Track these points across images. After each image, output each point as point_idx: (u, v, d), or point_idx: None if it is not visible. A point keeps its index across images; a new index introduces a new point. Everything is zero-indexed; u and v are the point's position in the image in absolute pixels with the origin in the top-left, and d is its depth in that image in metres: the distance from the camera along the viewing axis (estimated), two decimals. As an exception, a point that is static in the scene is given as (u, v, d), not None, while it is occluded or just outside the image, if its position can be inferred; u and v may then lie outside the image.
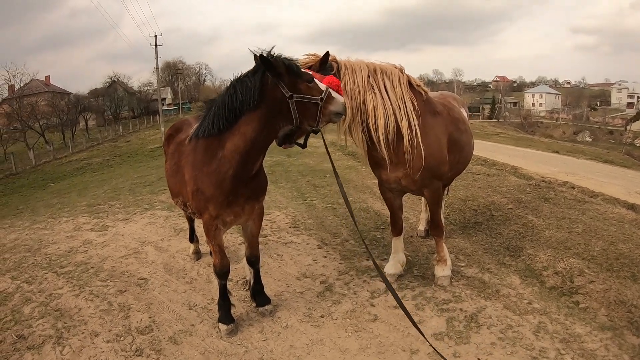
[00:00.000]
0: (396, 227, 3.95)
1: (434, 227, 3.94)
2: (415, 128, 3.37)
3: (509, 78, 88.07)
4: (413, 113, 3.38)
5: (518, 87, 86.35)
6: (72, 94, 48.70)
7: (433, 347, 2.62)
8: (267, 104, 2.77)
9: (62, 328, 3.45)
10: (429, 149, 3.44)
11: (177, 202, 3.60)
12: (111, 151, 30.69)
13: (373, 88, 3.34)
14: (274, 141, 2.99)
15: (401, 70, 3.51)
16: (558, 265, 3.98)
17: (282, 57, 2.77)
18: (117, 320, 3.52)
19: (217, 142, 2.92)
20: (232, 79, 2.88)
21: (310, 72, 2.92)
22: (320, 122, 2.86)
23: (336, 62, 3.30)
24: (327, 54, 3.19)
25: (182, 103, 59.76)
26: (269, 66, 2.71)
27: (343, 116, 3.00)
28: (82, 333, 3.37)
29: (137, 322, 3.48)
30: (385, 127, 3.31)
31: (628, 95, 69.72)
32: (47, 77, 48.78)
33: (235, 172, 2.92)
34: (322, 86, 2.85)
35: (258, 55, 2.71)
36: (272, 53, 2.73)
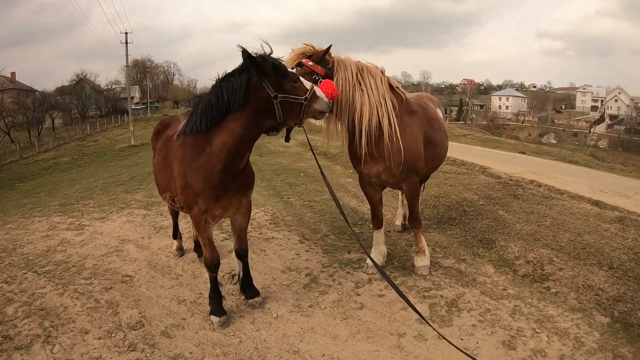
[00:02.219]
0: (377, 220, 4.12)
1: (413, 220, 4.13)
2: (395, 125, 3.56)
3: (476, 81, 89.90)
4: (392, 112, 3.58)
5: (485, 90, 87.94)
6: (38, 91, 46.80)
7: (426, 321, 2.78)
8: (253, 103, 2.83)
9: (49, 327, 3.40)
10: (407, 145, 3.64)
11: (165, 196, 3.61)
12: (79, 150, 29.74)
13: (361, 85, 3.52)
14: None
15: (382, 72, 3.71)
16: (529, 255, 4.24)
17: (270, 56, 2.82)
18: (106, 317, 3.50)
19: (204, 139, 2.97)
20: (219, 77, 2.91)
21: (295, 72, 3.03)
22: (304, 120, 2.96)
23: (330, 56, 3.46)
24: (330, 47, 3.37)
25: (150, 102, 58.41)
26: (256, 65, 2.76)
27: (326, 114, 3.15)
28: (72, 331, 3.34)
29: (127, 318, 3.48)
30: (369, 122, 3.50)
31: (592, 99, 71.78)
32: (13, 74, 46.62)
33: (223, 167, 2.98)
34: (307, 85, 2.93)
35: (245, 52, 2.73)
36: (259, 52, 2.78)
